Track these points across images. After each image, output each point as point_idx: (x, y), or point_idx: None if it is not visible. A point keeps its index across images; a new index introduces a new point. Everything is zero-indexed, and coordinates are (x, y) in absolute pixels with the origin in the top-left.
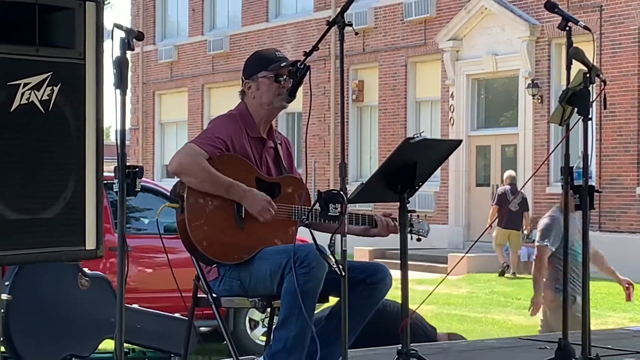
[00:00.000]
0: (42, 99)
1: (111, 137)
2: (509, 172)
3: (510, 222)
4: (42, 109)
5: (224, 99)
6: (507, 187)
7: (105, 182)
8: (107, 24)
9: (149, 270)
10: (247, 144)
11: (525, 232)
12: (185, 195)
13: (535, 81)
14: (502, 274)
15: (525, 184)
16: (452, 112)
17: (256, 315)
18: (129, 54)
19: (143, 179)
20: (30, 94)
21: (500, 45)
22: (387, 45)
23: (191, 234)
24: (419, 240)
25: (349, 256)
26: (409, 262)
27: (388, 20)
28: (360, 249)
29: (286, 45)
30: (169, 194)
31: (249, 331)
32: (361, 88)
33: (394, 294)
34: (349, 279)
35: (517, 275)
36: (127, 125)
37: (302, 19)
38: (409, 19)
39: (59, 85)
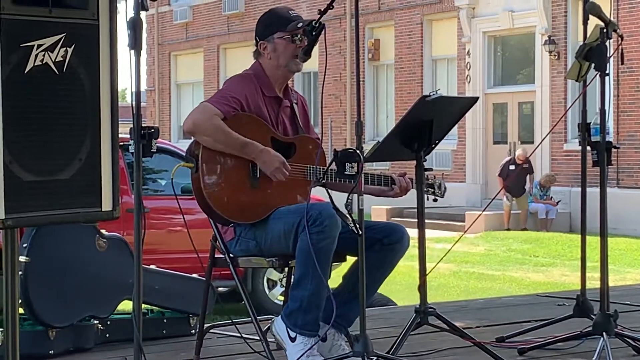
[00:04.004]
0: (56, 60)
1: (127, 99)
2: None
3: (513, 191)
4: (56, 71)
5: (240, 60)
6: (509, 159)
7: (121, 143)
8: None
9: (167, 231)
10: (262, 104)
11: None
12: (200, 155)
13: (552, 37)
14: None
15: (542, 140)
16: (469, 69)
17: (274, 275)
18: (143, 14)
19: (159, 140)
20: (44, 55)
21: (517, 1)
22: (403, 3)
23: (206, 194)
24: (435, 200)
25: (366, 215)
26: (427, 221)
27: None
28: (377, 208)
29: (301, 4)
30: (185, 154)
31: (267, 291)
32: (377, 47)
33: (411, 253)
34: (367, 238)
35: (535, 232)
36: (143, 87)
37: None
38: None
39: (73, 46)
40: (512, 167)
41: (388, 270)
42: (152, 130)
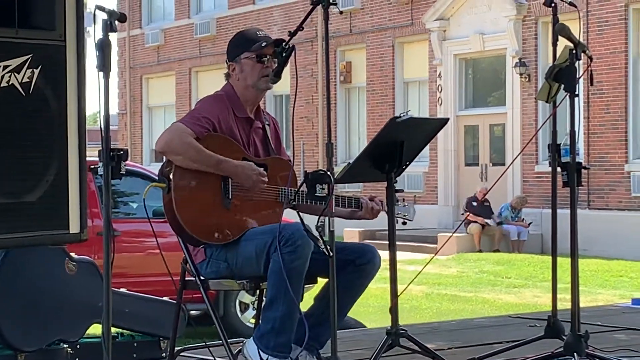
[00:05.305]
0: (23, 81)
1: (99, 123)
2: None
3: (481, 213)
4: (22, 92)
5: (212, 82)
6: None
7: (92, 166)
8: (92, 7)
9: (138, 255)
10: (234, 125)
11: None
12: (172, 175)
13: (522, 60)
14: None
15: (512, 161)
16: (440, 92)
17: (246, 298)
18: (114, 36)
19: (131, 163)
20: (10, 76)
21: (487, 24)
22: (374, 26)
23: (178, 214)
24: (404, 223)
25: (339, 237)
26: (399, 243)
27: (375, 1)
28: (349, 230)
29: (273, 27)
30: (157, 176)
31: (239, 314)
32: (349, 69)
33: (384, 275)
34: (338, 260)
35: (507, 254)
36: (115, 110)
37: (288, 1)
38: None
39: (40, 67)
40: (474, 203)
41: (360, 292)
42: (121, 152)
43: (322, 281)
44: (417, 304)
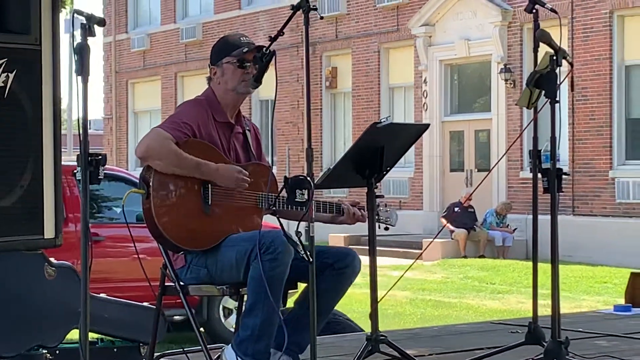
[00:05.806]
0: None
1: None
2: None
3: (461, 224)
4: None
5: (197, 87)
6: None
7: (74, 171)
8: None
9: (122, 260)
10: (213, 130)
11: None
12: (151, 181)
13: (507, 66)
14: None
15: (494, 166)
16: (426, 97)
17: (230, 303)
18: (100, 40)
19: (116, 167)
20: None
21: (473, 30)
22: (360, 32)
23: (157, 220)
24: (386, 229)
25: (324, 243)
26: (384, 249)
27: (360, 7)
28: (335, 236)
29: (259, 32)
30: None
31: (222, 319)
32: (334, 75)
33: (368, 280)
34: (318, 264)
35: (492, 259)
36: (101, 114)
37: (274, 6)
38: (382, 5)
39: (15, 71)
40: (457, 209)
41: (339, 296)
42: (100, 157)
43: (302, 285)
44: (402, 309)
